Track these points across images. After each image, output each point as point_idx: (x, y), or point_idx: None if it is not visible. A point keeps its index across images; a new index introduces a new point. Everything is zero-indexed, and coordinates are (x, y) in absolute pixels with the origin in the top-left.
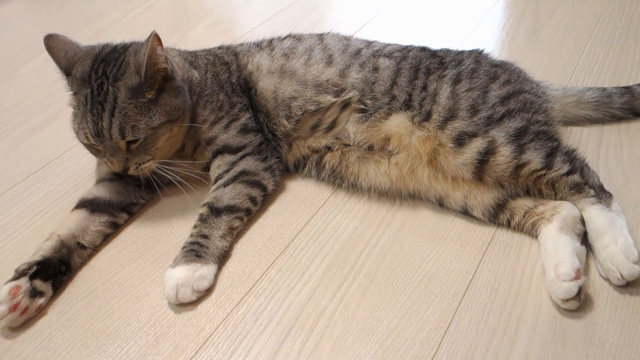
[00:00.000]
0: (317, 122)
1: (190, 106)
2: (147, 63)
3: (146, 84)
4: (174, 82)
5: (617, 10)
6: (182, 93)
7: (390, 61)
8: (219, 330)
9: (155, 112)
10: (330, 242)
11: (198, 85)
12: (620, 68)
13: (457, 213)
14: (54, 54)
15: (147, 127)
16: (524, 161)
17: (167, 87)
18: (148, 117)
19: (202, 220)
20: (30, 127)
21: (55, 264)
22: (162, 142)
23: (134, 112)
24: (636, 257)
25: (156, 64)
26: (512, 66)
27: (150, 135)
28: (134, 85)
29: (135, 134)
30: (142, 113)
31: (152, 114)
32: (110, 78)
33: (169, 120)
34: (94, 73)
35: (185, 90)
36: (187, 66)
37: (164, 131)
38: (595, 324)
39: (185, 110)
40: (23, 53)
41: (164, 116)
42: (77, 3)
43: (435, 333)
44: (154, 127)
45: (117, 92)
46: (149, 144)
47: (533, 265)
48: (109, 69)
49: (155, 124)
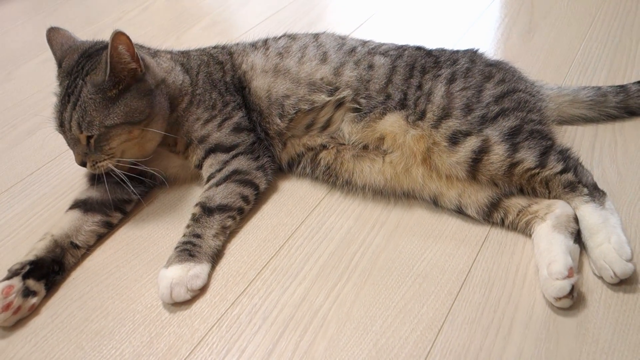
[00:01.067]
0: (312, 121)
1: (166, 114)
2: (111, 61)
3: (110, 81)
4: (143, 84)
5: (611, 9)
6: (150, 96)
7: (386, 59)
8: (213, 331)
9: (112, 111)
10: (324, 242)
11: (189, 87)
12: (615, 67)
13: (451, 212)
14: (52, 45)
15: (100, 124)
16: (518, 160)
17: (133, 88)
18: (103, 115)
19: (194, 220)
20: (26, 129)
21: (49, 263)
22: (116, 143)
23: (92, 107)
24: (629, 255)
25: (120, 62)
26: (506, 65)
27: (103, 133)
28: (98, 82)
29: (89, 129)
30: (99, 110)
31: (108, 112)
32: (83, 72)
33: (126, 122)
34: (76, 67)
35: (159, 94)
36: (177, 69)
37: (119, 132)
38: (588, 321)
39: (152, 115)
40: (20, 55)
41: (120, 117)
42: (73, 5)
43: (429, 332)
44: (107, 125)
45: (83, 87)
46: (103, 142)
47: (527, 264)
48: (87, 64)
49: (109, 123)
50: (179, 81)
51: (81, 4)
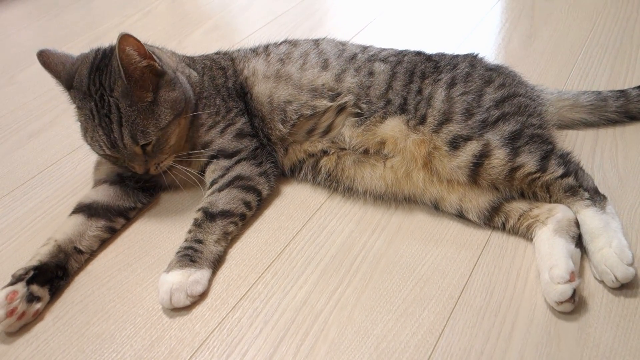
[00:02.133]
0: (313, 126)
1: (193, 97)
2: (123, 65)
3: (136, 86)
4: (166, 76)
5: (612, 14)
6: (177, 84)
7: (386, 65)
8: (214, 334)
9: (160, 112)
10: (325, 245)
11: (197, 85)
12: (616, 72)
13: (452, 216)
14: (51, 69)
15: (157, 128)
16: (519, 164)
17: (161, 84)
18: (155, 119)
19: (196, 225)
20: (28, 133)
21: (53, 269)
22: (174, 138)
23: (140, 117)
24: (630, 260)
25: (132, 63)
26: (506, 70)
27: (161, 135)
28: (125, 91)
29: (147, 137)
30: (148, 117)
31: (157, 115)
32: (107, 89)
33: (175, 116)
34: (92, 85)
35: (182, 80)
36: (182, 64)
37: (173, 128)
38: (589, 326)
39: (187, 101)
40: (21, 59)
41: (169, 113)
42: (75, 10)
43: (430, 336)
44: (163, 127)
45: (117, 102)
46: (162, 143)
47: (528, 268)
48: (104, 78)
49: (164, 124)
50: (187, 73)
51: (83, 9)
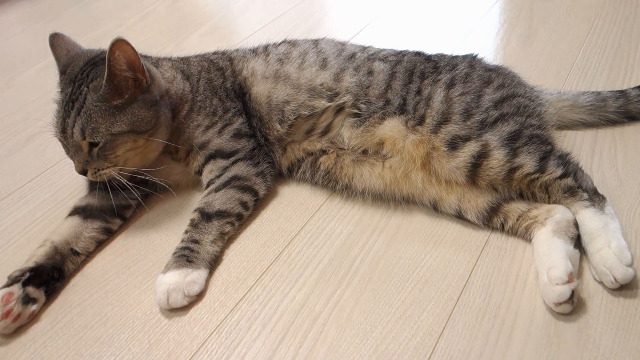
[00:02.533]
0: (312, 126)
1: (169, 122)
2: (109, 66)
3: (111, 88)
4: (150, 95)
5: (610, 14)
6: (155, 107)
7: (385, 65)
8: (212, 337)
9: (119, 119)
10: (324, 247)
11: (189, 94)
12: (615, 72)
13: (451, 217)
14: (55, 50)
15: (107, 131)
16: (517, 164)
17: (140, 99)
18: (109, 123)
19: (193, 226)
20: (26, 135)
21: (49, 270)
22: (122, 151)
23: (98, 114)
24: (629, 260)
25: (117, 68)
26: (505, 70)
27: (109, 141)
28: (99, 87)
29: (94, 136)
30: (105, 117)
31: (114, 120)
32: (88, 79)
33: (132, 131)
34: (81, 74)
35: (164, 105)
36: (179, 77)
37: (125, 140)
38: (589, 327)
39: (157, 126)
40: (20, 62)
41: (127, 125)
42: (74, 12)
43: (429, 338)
44: (114, 133)
45: (87, 93)
46: (108, 150)
47: (527, 269)
48: (92, 72)
49: (116, 131)
50: (180, 90)
51: (82, 11)
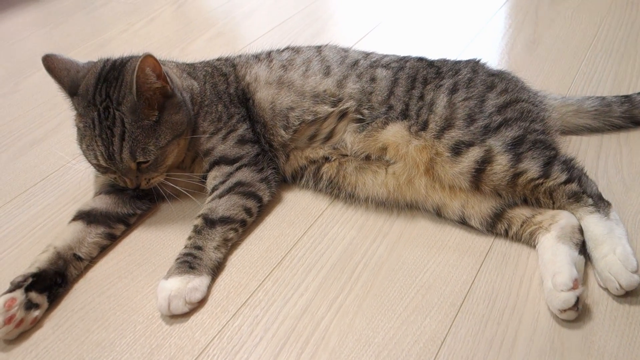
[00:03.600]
0: (315, 132)
1: (193, 117)
2: (137, 85)
3: (145, 104)
4: (174, 99)
5: (616, 19)
6: (182, 107)
7: (388, 71)
8: (214, 342)
9: (161, 132)
10: (327, 252)
11: (198, 96)
12: (620, 77)
13: (454, 223)
14: (55, 74)
15: (156, 147)
16: (521, 170)
17: (167, 105)
18: (155, 138)
19: (196, 232)
20: (31, 140)
21: (51, 275)
22: (172, 158)
23: (142, 135)
24: (635, 267)
25: (147, 83)
26: (509, 75)
27: (160, 154)
28: (134, 107)
29: (146, 155)
30: (150, 135)
31: (158, 134)
32: (114, 101)
33: (175, 137)
34: (98, 95)
35: (186, 102)
36: (184, 76)
37: (172, 148)
38: (594, 334)
39: (189, 122)
40: (25, 67)
41: (170, 134)
42: (79, 17)
43: (432, 344)
44: (162, 146)
45: (123, 117)
46: (160, 162)
47: (531, 276)
48: (112, 91)
49: (163, 143)
50: (190, 87)
51: (87, 16)
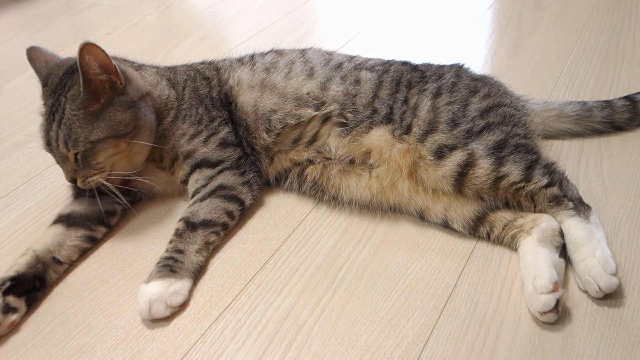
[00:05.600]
0: (298, 135)
1: (152, 126)
2: (82, 72)
3: (91, 95)
4: (125, 96)
5: (597, 25)
6: (134, 109)
7: (372, 74)
8: (196, 347)
9: (96, 126)
10: (310, 256)
11: (175, 101)
12: (601, 82)
13: (437, 226)
14: (35, 64)
15: (86, 140)
16: (503, 173)
17: (116, 101)
18: (88, 131)
19: (177, 235)
20: (13, 143)
21: (30, 279)
22: (104, 157)
23: (77, 124)
24: (614, 269)
25: (90, 73)
26: (492, 80)
27: (89, 148)
28: (76, 96)
29: (75, 146)
30: (83, 126)
31: (92, 128)
32: (65, 89)
33: (111, 136)
34: (60, 84)
35: (144, 107)
36: (163, 84)
37: (105, 146)
38: (573, 336)
39: (138, 128)
40: (8, 70)
41: (104, 131)
42: (63, 20)
43: (414, 347)
44: (93, 141)
45: (66, 103)
46: (90, 157)
47: (513, 278)
48: (69, 81)
49: (94, 138)
50: (164, 95)
51: (70, 19)
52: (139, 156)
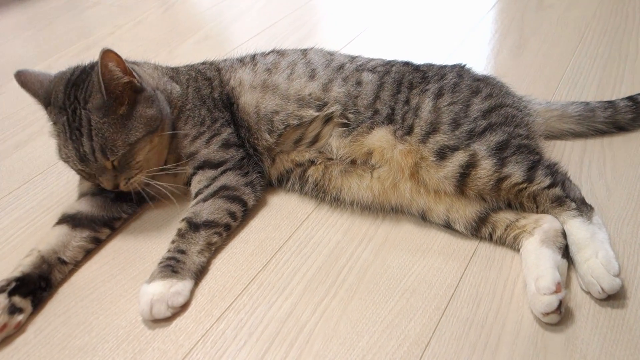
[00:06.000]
0: (300, 136)
1: (170, 115)
2: (104, 80)
3: (114, 100)
4: (144, 92)
5: (600, 25)
6: (155, 102)
7: (374, 75)
8: (197, 347)
9: (132, 127)
10: (312, 256)
11: (179, 99)
12: (604, 82)
13: (439, 227)
14: (28, 87)
15: (125, 143)
16: (505, 174)
17: (139, 99)
18: (124, 134)
19: (180, 236)
20: (15, 142)
21: (35, 280)
22: (143, 155)
23: (110, 131)
24: (617, 271)
25: (114, 79)
26: (494, 80)
27: (128, 150)
28: (101, 104)
29: (115, 152)
30: (118, 130)
31: (128, 130)
32: (81, 102)
33: (147, 132)
34: (67, 99)
35: (160, 99)
36: (165, 79)
37: (143, 144)
38: (576, 337)
39: (163, 119)
40: (10, 70)
41: (141, 129)
42: (66, 19)
43: (416, 347)
44: (132, 142)
45: (89, 115)
46: (129, 158)
47: (515, 279)
48: (80, 93)
49: (133, 139)
50: (168, 90)
51: (74, 19)
52: (166, 148)
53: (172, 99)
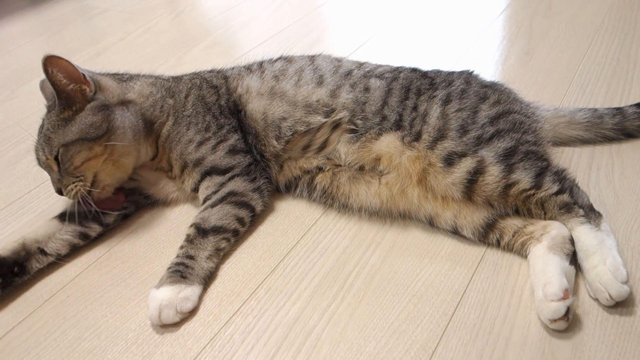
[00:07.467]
0: (308, 142)
1: (137, 129)
2: (52, 84)
3: (64, 105)
4: (96, 102)
5: (609, 32)
6: (106, 112)
7: (382, 82)
8: (206, 351)
9: (67, 130)
10: (320, 261)
11: (171, 109)
12: (613, 89)
13: (447, 233)
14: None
15: (58, 143)
16: (513, 181)
17: (87, 107)
18: (60, 135)
19: (188, 241)
20: (27, 147)
21: (10, 264)
22: (78, 161)
23: (51, 130)
24: (625, 277)
25: (58, 83)
26: (501, 86)
27: (63, 152)
28: (53, 107)
29: (50, 151)
30: (57, 131)
31: (64, 132)
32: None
33: (81, 138)
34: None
35: (121, 110)
36: (155, 91)
37: (77, 149)
38: (584, 344)
39: (113, 130)
40: (22, 74)
41: (75, 133)
42: (77, 25)
43: (423, 353)
44: (63, 143)
45: (46, 115)
46: (66, 162)
47: (522, 285)
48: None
49: (65, 141)
50: (156, 102)
51: (84, 25)
52: (126, 160)
53: (162, 110)
